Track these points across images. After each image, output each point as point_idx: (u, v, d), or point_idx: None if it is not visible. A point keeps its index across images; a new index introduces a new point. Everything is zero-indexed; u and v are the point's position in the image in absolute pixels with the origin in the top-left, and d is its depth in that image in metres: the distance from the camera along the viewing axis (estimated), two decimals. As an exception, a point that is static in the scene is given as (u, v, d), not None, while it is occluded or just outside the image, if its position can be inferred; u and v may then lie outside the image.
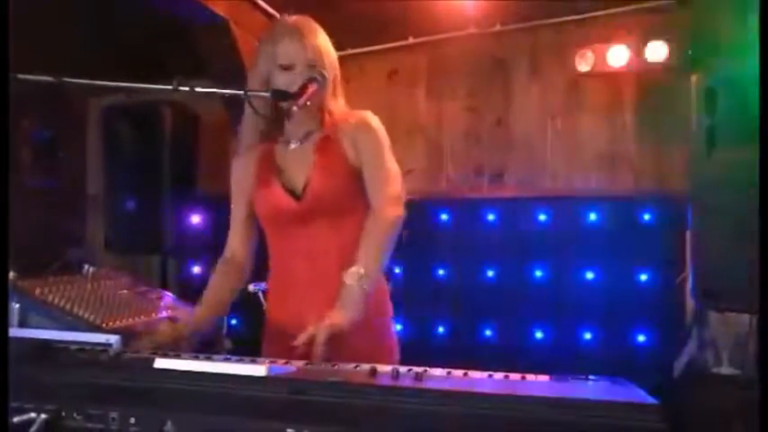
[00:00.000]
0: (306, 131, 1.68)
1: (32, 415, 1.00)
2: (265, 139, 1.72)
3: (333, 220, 1.62)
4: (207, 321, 1.67)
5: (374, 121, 1.68)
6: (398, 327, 1.91)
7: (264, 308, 3.07)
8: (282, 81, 1.59)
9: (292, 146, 1.69)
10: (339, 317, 1.41)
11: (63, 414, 1.01)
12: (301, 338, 1.36)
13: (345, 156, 1.64)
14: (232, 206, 1.78)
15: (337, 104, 1.70)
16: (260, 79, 1.63)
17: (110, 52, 3.16)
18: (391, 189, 1.61)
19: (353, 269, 1.47)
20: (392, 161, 1.66)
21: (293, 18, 1.66)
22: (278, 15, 3.45)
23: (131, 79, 1.51)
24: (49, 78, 1.41)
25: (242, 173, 1.75)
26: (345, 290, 1.46)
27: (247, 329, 3.23)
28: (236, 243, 1.76)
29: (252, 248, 1.78)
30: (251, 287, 3.08)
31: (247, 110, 1.65)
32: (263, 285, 3.10)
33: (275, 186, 1.65)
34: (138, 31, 3.21)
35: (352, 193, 1.64)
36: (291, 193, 1.64)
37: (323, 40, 1.64)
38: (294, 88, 1.55)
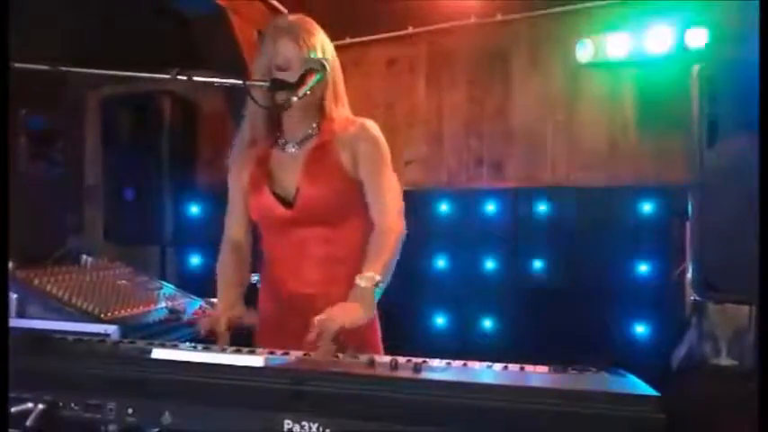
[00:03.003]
0: (304, 135, 1.66)
1: (30, 405, 1.00)
2: (264, 139, 1.69)
3: (324, 228, 1.61)
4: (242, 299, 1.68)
5: (375, 130, 1.65)
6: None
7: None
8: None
9: (290, 149, 1.66)
10: (355, 314, 1.42)
11: (60, 404, 1.01)
12: (311, 336, 1.35)
13: (340, 164, 1.61)
14: (230, 199, 1.77)
15: (339, 110, 1.66)
16: (260, 76, 1.60)
17: (108, 42, 3.14)
18: (397, 204, 1.61)
19: (369, 274, 1.47)
20: (392, 173, 1.65)
21: (291, 17, 1.64)
22: (277, 5, 3.43)
23: (129, 69, 1.50)
24: (46, 67, 1.40)
25: (237, 172, 1.73)
26: (361, 291, 1.46)
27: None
28: (238, 231, 1.75)
29: (251, 237, 1.77)
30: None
31: (249, 106, 1.62)
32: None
33: (266, 192, 1.63)
34: (137, 20, 3.19)
35: (345, 202, 1.62)
36: (282, 199, 1.62)
37: (321, 41, 1.61)
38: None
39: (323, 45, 1.61)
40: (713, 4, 3.13)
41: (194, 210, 4.07)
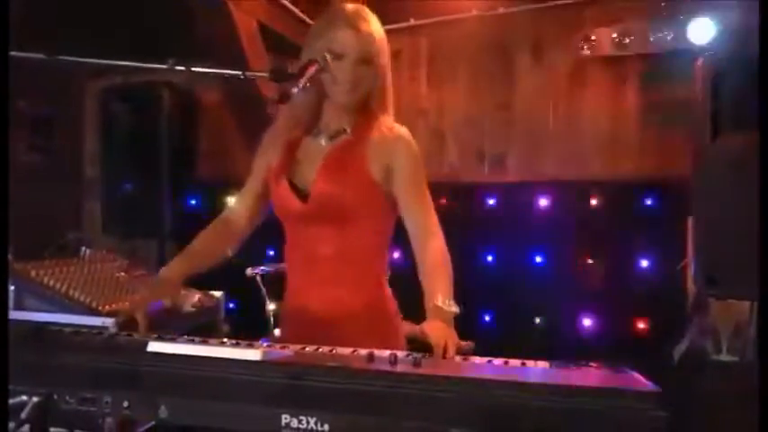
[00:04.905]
0: (337, 129, 1.62)
1: (24, 398, 0.99)
2: (301, 127, 1.65)
3: (336, 225, 1.57)
4: (183, 276, 1.61)
5: (411, 142, 1.63)
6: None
7: (264, 292, 3.10)
8: (332, 68, 1.50)
9: (320, 141, 1.63)
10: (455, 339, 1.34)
11: (55, 397, 1.00)
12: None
13: (365, 165, 1.57)
14: (250, 177, 1.72)
15: (380, 114, 1.63)
16: (310, 58, 1.52)
17: (107, 33, 3.13)
18: (436, 219, 1.59)
19: (448, 301, 1.45)
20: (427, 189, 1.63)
21: (352, 6, 1.60)
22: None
23: (127, 59, 1.49)
24: (43, 56, 1.38)
25: (268, 154, 1.69)
26: (447, 315, 1.43)
27: (245, 314, 3.22)
28: (240, 209, 1.71)
29: (254, 221, 1.71)
30: (249, 271, 3.08)
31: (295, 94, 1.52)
32: (260, 269, 3.10)
33: (283, 183, 1.60)
34: (137, 12, 3.17)
35: (361, 202, 1.57)
36: (299, 192, 1.59)
37: (377, 31, 1.58)
38: (344, 77, 1.52)
39: (379, 35, 1.58)
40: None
41: (193, 202, 4.07)
